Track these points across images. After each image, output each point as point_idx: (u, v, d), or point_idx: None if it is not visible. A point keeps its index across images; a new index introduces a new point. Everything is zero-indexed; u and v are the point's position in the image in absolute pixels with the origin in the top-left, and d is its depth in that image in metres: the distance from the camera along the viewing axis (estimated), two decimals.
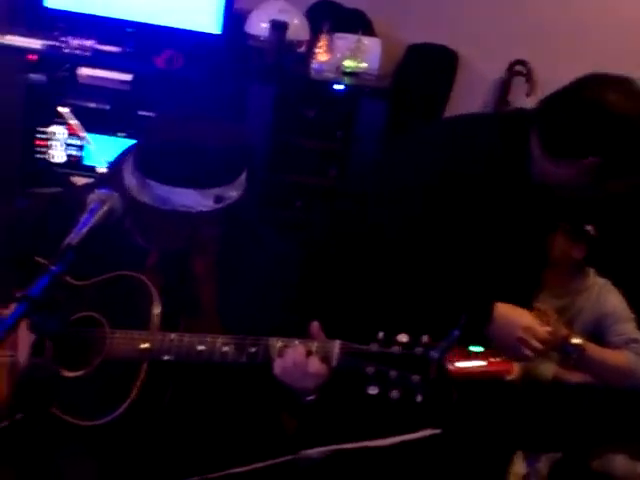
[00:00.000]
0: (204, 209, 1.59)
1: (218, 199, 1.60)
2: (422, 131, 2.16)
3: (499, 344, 1.88)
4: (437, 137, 2.02)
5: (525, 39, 3.39)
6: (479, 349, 1.89)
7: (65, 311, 1.70)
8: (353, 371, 1.48)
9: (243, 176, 1.67)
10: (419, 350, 1.45)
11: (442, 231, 1.91)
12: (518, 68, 3.39)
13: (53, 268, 1.43)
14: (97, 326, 1.69)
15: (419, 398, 1.43)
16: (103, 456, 1.70)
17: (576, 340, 2.32)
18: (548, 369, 2.47)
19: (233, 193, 1.63)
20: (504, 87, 3.43)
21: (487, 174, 1.89)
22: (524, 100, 3.42)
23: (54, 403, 1.65)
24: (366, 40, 3.06)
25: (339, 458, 1.37)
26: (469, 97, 2.70)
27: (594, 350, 2.29)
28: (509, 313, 1.89)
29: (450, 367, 1.85)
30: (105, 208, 1.54)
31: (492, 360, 1.91)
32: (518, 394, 2.27)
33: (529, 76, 3.38)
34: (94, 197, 1.55)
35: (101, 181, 1.86)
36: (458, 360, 1.87)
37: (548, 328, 1.95)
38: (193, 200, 1.59)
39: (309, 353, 1.53)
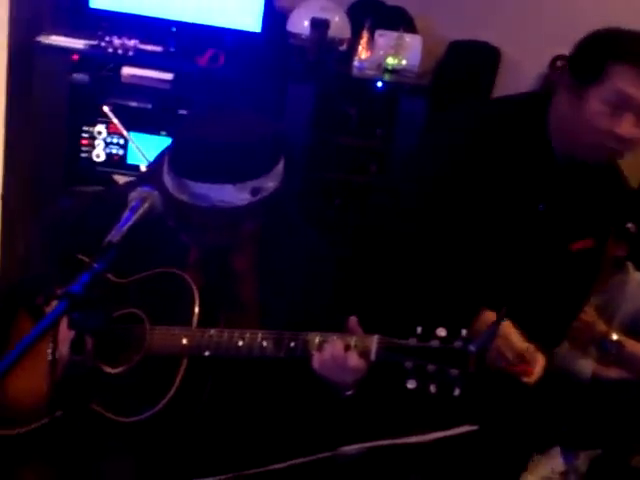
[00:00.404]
0: (242, 203, 1.60)
1: (255, 191, 1.61)
2: (447, 118, 2.24)
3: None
4: (461, 123, 2.09)
5: (566, 34, 3.34)
6: None
7: (106, 308, 1.72)
8: (392, 365, 1.48)
9: (280, 165, 1.67)
10: (458, 344, 1.45)
11: (469, 218, 1.97)
12: (560, 63, 3.36)
13: (94, 265, 1.44)
14: (138, 323, 1.71)
15: (457, 392, 1.43)
16: (142, 453, 1.72)
17: (615, 336, 2.30)
18: (587, 366, 2.45)
19: (270, 184, 1.63)
20: (546, 83, 3.40)
21: (512, 155, 1.97)
22: None
23: (94, 399, 1.67)
24: (407, 37, 3.05)
25: (377, 454, 1.37)
26: (511, 92, 2.68)
27: (633, 346, 2.27)
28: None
29: None
30: (146, 206, 1.55)
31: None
32: (557, 391, 2.25)
33: None
34: (135, 195, 1.57)
35: (142, 179, 1.88)
36: None
37: (526, 344, 1.92)
38: (230, 195, 1.60)
39: (347, 347, 1.53)
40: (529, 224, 2.03)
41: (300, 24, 3.05)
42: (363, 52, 3.06)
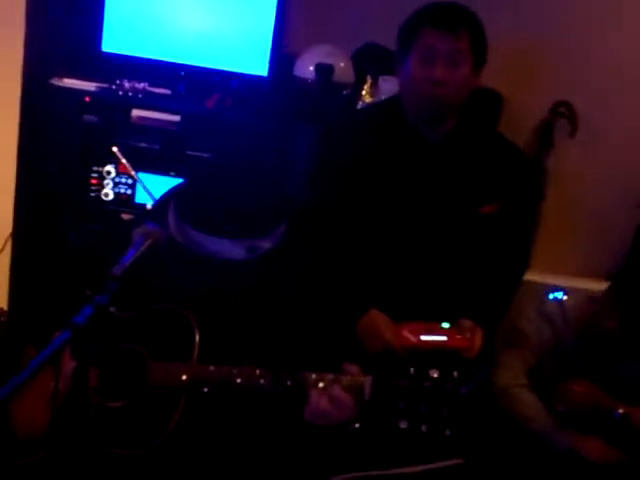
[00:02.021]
0: (237, 257, 1.66)
1: (251, 250, 1.66)
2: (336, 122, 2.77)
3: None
4: (343, 126, 2.59)
5: (568, 81, 3.42)
6: (447, 325, 2.16)
7: (108, 342, 1.77)
8: (385, 405, 1.52)
9: (281, 228, 1.72)
10: (449, 386, 1.48)
11: (366, 197, 2.35)
12: (561, 109, 3.42)
13: (97, 297, 1.49)
14: (139, 358, 1.75)
15: (447, 432, 1.46)
16: None
17: (621, 410, 2.37)
18: (565, 439, 2.52)
19: (266, 244, 1.69)
20: (547, 128, 3.46)
21: (386, 137, 2.37)
22: (568, 141, 3.45)
23: (94, 432, 1.71)
24: None
25: None
26: (513, 138, 2.73)
27: None
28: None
29: (413, 339, 2.12)
30: (149, 242, 1.61)
31: (455, 337, 2.14)
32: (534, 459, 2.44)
33: (572, 117, 3.41)
34: (139, 231, 1.63)
35: (146, 216, 1.94)
36: (423, 334, 2.13)
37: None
38: (226, 248, 1.65)
39: (342, 387, 1.57)
40: (418, 192, 2.35)
41: (306, 69, 3.11)
42: (367, 96, 3.12)
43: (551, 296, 2.86)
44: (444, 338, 2.15)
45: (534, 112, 3.47)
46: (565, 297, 2.72)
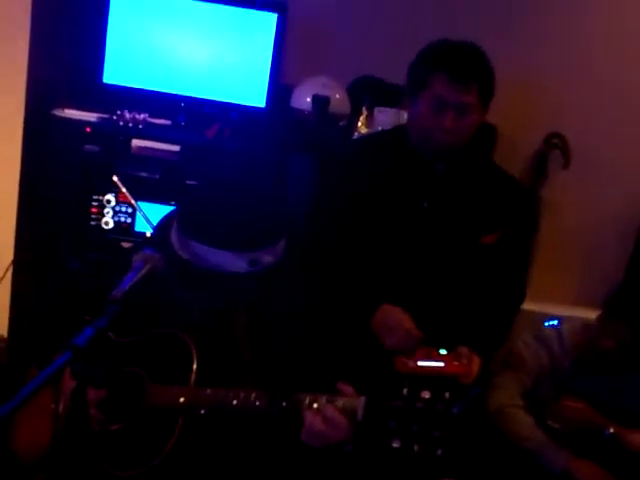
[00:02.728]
0: (239, 270, 1.69)
1: (253, 262, 1.70)
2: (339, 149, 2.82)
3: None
4: (346, 152, 2.65)
5: (560, 113, 3.48)
6: (444, 352, 2.20)
7: (107, 365, 1.80)
8: (378, 425, 1.55)
9: (281, 243, 1.76)
10: (440, 406, 1.51)
11: (368, 223, 2.38)
12: (554, 141, 3.47)
13: (97, 320, 1.53)
14: (138, 381, 1.78)
15: (439, 452, 1.49)
16: None
17: (612, 429, 2.40)
18: (560, 458, 2.57)
19: (269, 258, 1.72)
20: (541, 160, 3.51)
21: (390, 164, 2.40)
22: (561, 172, 3.50)
23: (93, 453, 1.74)
24: (405, 114, 3.15)
25: None
26: (507, 170, 2.78)
27: (631, 437, 2.40)
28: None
29: (411, 364, 2.16)
30: (148, 267, 1.65)
31: (452, 363, 2.17)
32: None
33: (565, 149, 3.46)
34: (138, 257, 1.67)
35: (145, 242, 1.98)
36: (421, 359, 2.18)
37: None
38: (228, 261, 1.69)
39: (336, 408, 1.60)
40: (420, 220, 2.38)
41: (303, 100, 3.17)
42: (362, 127, 3.17)
43: (547, 324, 2.90)
44: (441, 364, 2.18)
45: (528, 144, 3.53)
46: (561, 324, 2.77)
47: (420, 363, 2.17)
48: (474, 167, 2.46)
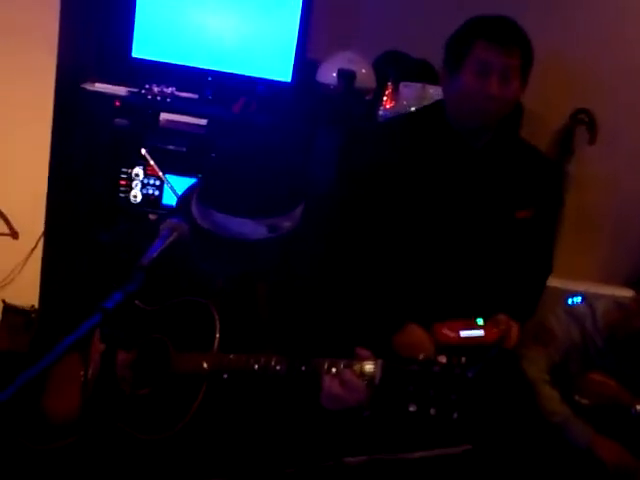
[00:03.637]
0: (259, 237, 1.72)
1: (272, 228, 1.73)
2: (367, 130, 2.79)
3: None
4: (375, 133, 2.62)
5: (587, 88, 3.47)
6: (482, 322, 2.24)
7: (134, 332, 1.85)
8: (395, 389, 1.58)
9: (298, 210, 1.79)
10: (457, 370, 1.54)
11: (407, 203, 2.37)
12: (581, 117, 3.46)
13: (126, 286, 1.58)
14: (163, 347, 1.83)
15: (455, 415, 1.52)
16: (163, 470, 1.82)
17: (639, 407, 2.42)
18: (586, 434, 2.60)
19: (287, 223, 1.75)
20: (567, 136, 3.50)
21: (426, 144, 2.40)
22: (587, 148, 3.50)
23: (120, 418, 1.79)
24: (431, 88, 3.16)
25: (378, 467, 1.46)
26: (534, 145, 2.78)
27: None
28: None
29: (453, 335, 2.19)
30: (174, 235, 1.69)
31: (491, 330, 2.23)
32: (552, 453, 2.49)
33: (591, 124, 3.45)
34: (165, 225, 1.71)
35: (171, 212, 2.02)
36: (462, 329, 2.21)
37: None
38: (248, 228, 1.72)
39: (353, 372, 1.64)
40: (459, 196, 2.38)
41: (329, 75, 3.19)
42: (388, 102, 3.19)
43: (570, 301, 2.91)
44: (481, 333, 2.21)
45: (554, 119, 3.53)
46: (594, 301, 2.78)
47: (462, 333, 2.19)
48: (510, 144, 2.47)
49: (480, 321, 2.24)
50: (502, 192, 2.40)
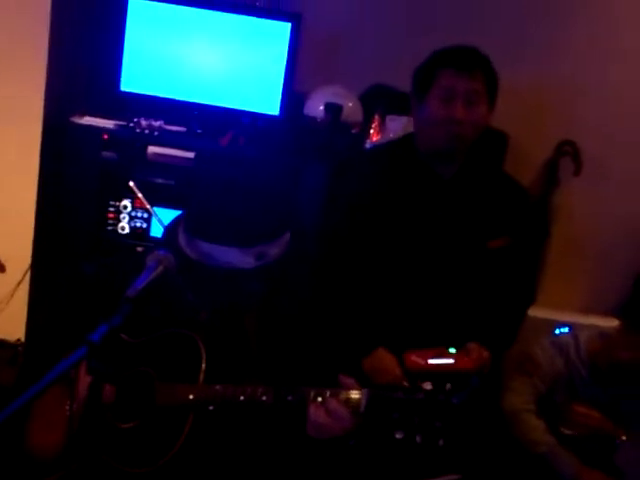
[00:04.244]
0: (247, 266, 1.73)
1: (260, 256, 1.74)
2: (350, 159, 2.88)
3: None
4: (358, 163, 2.69)
5: (572, 120, 3.51)
6: (454, 350, 2.25)
7: (120, 365, 1.84)
8: (380, 417, 1.58)
9: (286, 236, 1.80)
10: (441, 397, 1.55)
11: (382, 234, 2.42)
12: (566, 148, 3.49)
13: (112, 318, 1.58)
14: (148, 380, 1.82)
15: (441, 442, 1.52)
16: None
17: (624, 437, 2.43)
18: (571, 466, 2.60)
19: (274, 251, 1.76)
20: (552, 167, 3.53)
21: (399, 177, 2.45)
22: (573, 179, 3.53)
23: (106, 451, 1.78)
24: None
25: None
26: (518, 177, 2.80)
27: None
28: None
29: (421, 362, 2.20)
30: (160, 267, 1.69)
31: (462, 359, 2.24)
32: None
33: (576, 156, 3.48)
34: (152, 257, 1.71)
35: (158, 244, 2.02)
36: (431, 357, 2.22)
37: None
38: (235, 257, 1.72)
39: (338, 400, 1.64)
40: (431, 226, 2.43)
41: (316, 108, 3.21)
42: (375, 135, 3.21)
43: (558, 331, 2.93)
44: (451, 361, 2.23)
45: (539, 151, 3.57)
46: (579, 331, 2.79)
47: (431, 361, 2.21)
48: (481, 173, 2.50)
49: (452, 350, 2.27)
50: (473, 222, 2.44)
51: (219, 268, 1.73)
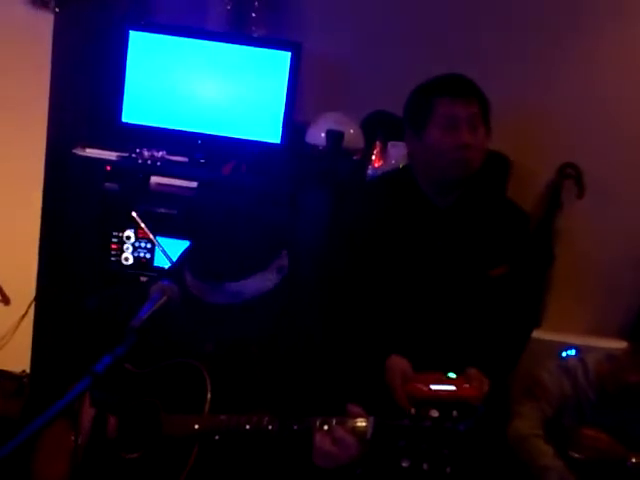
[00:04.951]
0: (271, 285, 1.81)
1: (280, 269, 1.81)
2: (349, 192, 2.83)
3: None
4: (357, 196, 2.66)
5: (573, 143, 3.51)
6: (453, 375, 2.22)
7: (124, 396, 1.84)
8: (387, 444, 1.57)
9: (279, 262, 1.82)
10: (448, 424, 1.54)
11: (383, 267, 2.42)
12: (568, 171, 3.50)
13: (116, 349, 1.58)
14: (153, 411, 1.82)
15: (448, 470, 1.51)
16: None
17: (634, 459, 2.40)
18: None
19: (286, 261, 1.79)
20: (555, 190, 3.53)
21: (399, 210, 2.44)
22: (576, 202, 3.53)
23: None
24: None
25: None
26: (521, 201, 2.80)
27: None
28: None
29: (424, 389, 2.17)
30: (164, 298, 1.70)
31: (463, 386, 2.20)
32: None
33: (579, 178, 3.49)
34: (155, 287, 1.72)
35: (162, 275, 2.03)
36: (433, 384, 2.19)
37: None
38: (259, 282, 1.80)
39: (345, 429, 1.63)
40: (435, 260, 2.41)
41: (317, 136, 3.23)
42: (376, 161, 3.22)
43: (564, 354, 2.91)
44: (453, 387, 2.21)
45: (542, 174, 3.56)
46: (586, 354, 2.78)
47: (433, 387, 2.19)
48: (481, 199, 2.49)
49: (452, 375, 2.25)
50: (474, 251, 2.43)
51: (222, 304, 1.75)
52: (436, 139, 2.34)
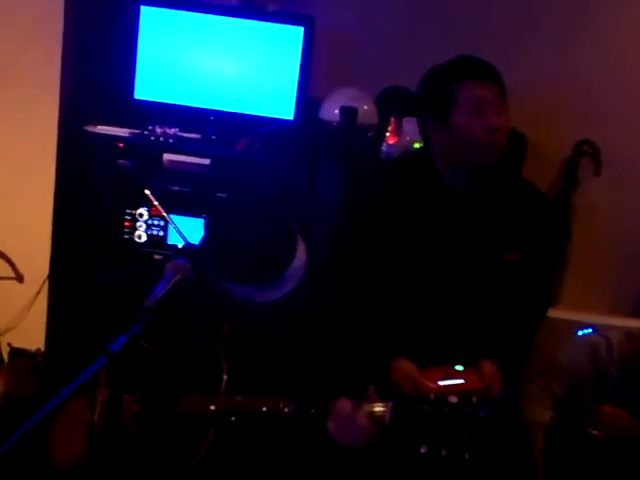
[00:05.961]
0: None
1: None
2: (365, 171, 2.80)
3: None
4: (373, 177, 2.62)
5: (590, 120, 3.47)
6: (461, 368, 2.17)
7: (141, 375, 1.83)
8: (405, 430, 1.56)
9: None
10: (467, 410, 1.52)
11: (397, 251, 2.38)
12: (585, 148, 3.46)
13: (131, 328, 1.57)
14: (171, 390, 1.81)
15: (467, 456, 1.50)
16: None
17: None
18: None
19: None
20: (572, 167, 3.50)
21: (417, 193, 2.40)
22: (592, 179, 3.49)
23: (127, 461, 1.77)
24: None
25: None
26: (538, 178, 2.76)
27: None
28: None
29: (433, 385, 2.11)
30: (178, 276, 1.69)
31: (471, 378, 2.16)
32: None
33: (596, 155, 3.45)
34: (170, 266, 1.71)
35: (176, 252, 2.02)
36: (441, 379, 2.14)
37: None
38: (290, 278, 1.82)
39: (363, 413, 1.62)
40: (451, 244, 2.37)
41: (331, 112, 3.20)
42: (391, 137, 3.18)
43: (580, 333, 2.89)
44: (462, 381, 2.16)
45: (558, 151, 3.53)
46: (609, 331, 2.75)
47: (441, 383, 2.15)
48: (498, 181, 2.44)
49: (459, 368, 2.20)
50: (489, 235, 2.39)
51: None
52: (463, 124, 2.27)
